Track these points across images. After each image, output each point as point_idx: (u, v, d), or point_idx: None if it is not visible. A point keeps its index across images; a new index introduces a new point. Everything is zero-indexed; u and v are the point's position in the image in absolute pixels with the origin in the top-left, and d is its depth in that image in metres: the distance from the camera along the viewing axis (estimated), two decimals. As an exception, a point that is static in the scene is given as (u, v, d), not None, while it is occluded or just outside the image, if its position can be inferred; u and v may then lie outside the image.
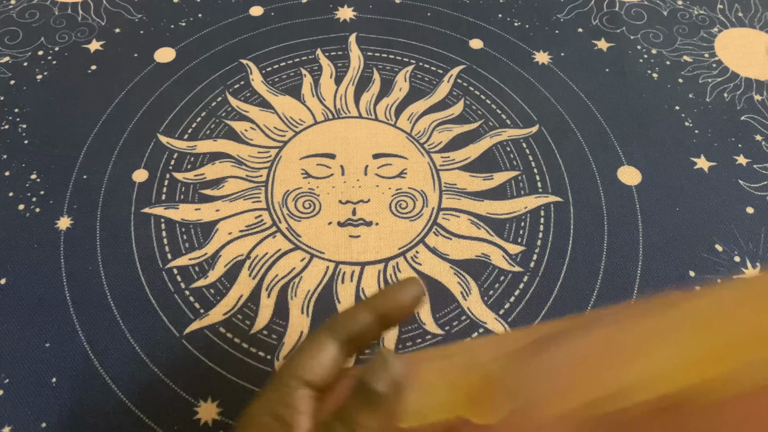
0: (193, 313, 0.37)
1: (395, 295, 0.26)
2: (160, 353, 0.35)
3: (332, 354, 0.25)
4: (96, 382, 0.34)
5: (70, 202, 0.41)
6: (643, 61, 0.52)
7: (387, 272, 0.39)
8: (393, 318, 0.26)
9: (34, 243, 0.39)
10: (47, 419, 0.33)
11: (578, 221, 0.42)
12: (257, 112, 0.46)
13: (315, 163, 0.43)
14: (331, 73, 0.49)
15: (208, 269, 0.38)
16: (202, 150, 0.44)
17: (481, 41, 0.52)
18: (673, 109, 0.48)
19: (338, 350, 0.25)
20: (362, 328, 0.26)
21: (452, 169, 0.44)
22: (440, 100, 0.48)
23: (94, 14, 0.52)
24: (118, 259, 0.39)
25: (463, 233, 0.41)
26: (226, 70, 0.49)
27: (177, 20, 0.52)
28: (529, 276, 0.39)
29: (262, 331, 0.36)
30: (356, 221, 0.41)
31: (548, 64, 0.51)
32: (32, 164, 0.43)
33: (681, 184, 0.44)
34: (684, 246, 0.41)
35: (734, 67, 0.52)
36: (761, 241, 0.41)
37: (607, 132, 0.47)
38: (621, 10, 0.56)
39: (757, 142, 0.47)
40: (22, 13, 0.52)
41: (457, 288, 0.38)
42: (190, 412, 0.33)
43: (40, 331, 0.36)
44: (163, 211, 0.41)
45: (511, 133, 0.46)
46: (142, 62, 0.49)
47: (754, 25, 0.55)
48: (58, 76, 0.48)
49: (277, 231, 0.40)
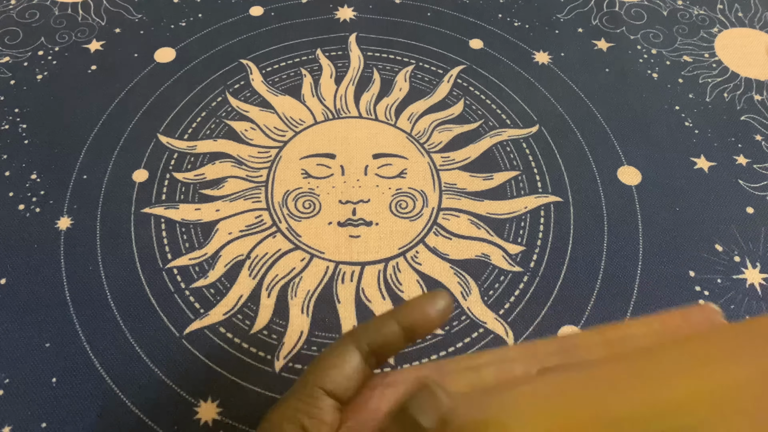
0: (193, 313, 0.37)
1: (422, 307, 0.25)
2: (160, 353, 0.35)
3: (356, 364, 0.24)
4: (96, 382, 0.34)
5: (70, 202, 0.41)
6: (643, 61, 0.52)
7: (387, 272, 0.39)
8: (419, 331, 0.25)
9: (34, 243, 0.39)
10: (47, 419, 0.33)
11: (578, 221, 0.42)
12: (257, 112, 0.46)
13: (315, 163, 0.43)
14: (331, 73, 0.49)
15: (208, 269, 0.38)
16: (202, 150, 0.44)
17: (481, 41, 0.52)
18: (673, 109, 0.48)
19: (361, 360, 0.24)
20: (387, 340, 0.25)
21: (452, 169, 0.44)
22: (440, 100, 0.48)
23: (94, 14, 0.52)
24: (118, 259, 0.39)
25: (463, 233, 0.41)
26: (226, 70, 0.49)
27: (177, 20, 0.52)
28: (529, 276, 0.39)
29: (262, 331, 0.36)
30: (356, 221, 0.41)
31: (548, 64, 0.51)
32: (32, 164, 0.43)
33: (681, 184, 0.44)
34: (684, 246, 0.41)
35: (734, 67, 0.52)
36: (761, 241, 0.41)
37: (607, 132, 0.47)
38: (621, 10, 0.56)
39: (757, 142, 0.47)
40: (22, 13, 0.52)
41: (457, 288, 0.38)
42: (190, 412, 0.33)
43: (40, 331, 0.36)
44: (163, 211, 0.41)
45: (511, 133, 0.46)
46: (142, 62, 0.49)
47: (754, 25, 0.55)
48: (58, 76, 0.48)
49: (277, 231, 0.40)
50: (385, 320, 0.25)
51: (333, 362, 0.24)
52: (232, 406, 0.34)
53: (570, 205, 0.42)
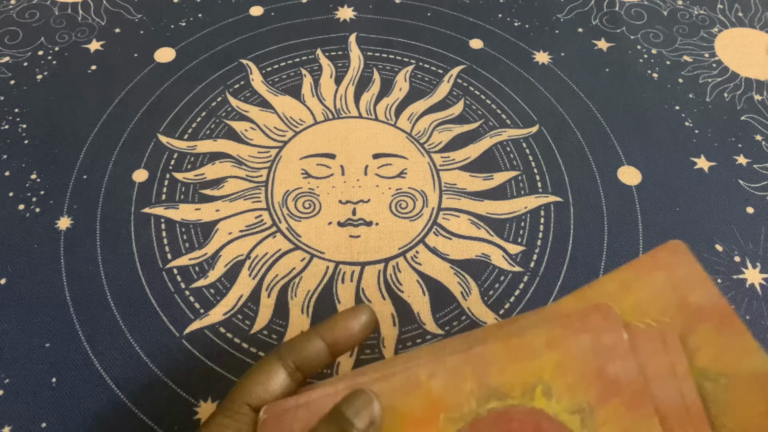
0: (193, 313, 0.37)
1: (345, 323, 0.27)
2: (160, 353, 0.35)
3: (281, 380, 0.26)
4: (96, 382, 0.34)
5: (70, 202, 0.41)
6: (643, 61, 0.52)
7: (387, 272, 0.39)
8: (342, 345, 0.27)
9: (34, 243, 0.39)
10: (47, 419, 0.33)
11: (578, 221, 0.42)
12: (257, 112, 0.46)
13: (315, 163, 0.43)
14: (331, 73, 0.49)
15: (208, 269, 0.38)
16: (202, 150, 0.44)
17: (481, 41, 0.52)
18: (673, 109, 0.48)
19: (287, 376, 0.26)
20: (311, 355, 0.26)
21: (452, 169, 0.44)
22: (440, 100, 0.48)
23: (94, 14, 0.52)
24: (118, 259, 0.39)
25: (463, 233, 0.41)
26: (226, 70, 0.49)
27: (177, 20, 0.52)
28: (529, 276, 0.39)
29: (262, 331, 0.36)
30: (356, 221, 0.41)
31: (548, 64, 0.51)
32: (32, 164, 0.43)
33: (681, 184, 0.44)
34: (684, 246, 0.41)
35: (734, 67, 0.52)
36: (761, 241, 0.41)
37: (607, 132, 0.47)
38: (621, 10, 0.56)
39: (757, 142, 0.47)
40: (22, 13, 0.52)
41: (457, 288, 0.38)
42: (190, 412, 0.33)
43: (40, 331, 0.36)
44: (163, 211, 0.41)
45: (511, 133, 0.46)
46: (142, 62, 0.49)
47: (754, 25, 0.55)
48: (58, 76, 0.48)
49: (277, 231, 0.40)
50: (309, 337, 0.27)
51: (258, 379, 0.25)
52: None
53: (570, 205, 0.43)
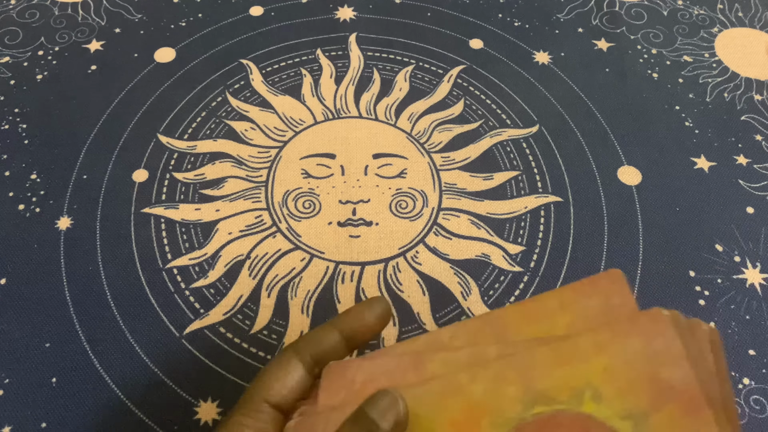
0: (193, 313, 0.37)
1: (361, 315, 0.26)
2: (160, 353, 0.35)
3: (299, 376, 0.25)
4: (96, 382, 0.34)
5: (70, 202, 0.41)
6: (643, 61, 0.52)
7: (387, 272, 0.39)
8: (359, 338, 0.26)
9: (34, 243, 0.39)
10: (47, 419, 0.33)
11: (578, 221, 0.42)
12: (257, 112, 0.46)
13: (315, 163, 0.43)
14: (331, 73, 0.49)
15: (208, 269, 0.38)
16: (202, 150, 0.44)
17: (481, 41, 0.52)
18: (673, 109, 0.48)
19: (305, 371, 0.25)
20: (328, 348, 0.26)
21: (452, 169, 0.44)
22: (440, 100, 0.48)
23: (94, 14, 0.52)
24: (118, 259, 0.39)
25: (463, 233, 0.41)
26: (226, 70, 0.49)
27: (177, 20, 0.52)
28: (529, 276, 0.39)
29: (262, 331, 0.36)
30: (356, 221, 0.41)
31: (548, 64, 0.51)
32: (32, 164, 0.43)
33: (681, 184, 0.44)
34: (684, 246, 0.41)
35: (734, 67, 0.52)
36: (761, 241, 0.41)
37: (607, 132, 0.47)
38: (621, 10, 0.56)
39: (757, 142, 0.47)
40: (22, 13, 0.52)
41: (457, 288, 0.38)
42: (190, 412, 0.33)
43: (40, 331, 0.36)
44: (163, 211, 0.41)
45: (511, 133, 0.46)
46: (142, 62, 0.49)
47: (754, 25, 0.55)
48: (58, 76, 0.48)
49: (277, 231, 0.40)
50: (326, 330, 0.26)
51: (276, 375, 0.25)
52: (232, 406, 0.34)
53: (570, 205, 0.42)
